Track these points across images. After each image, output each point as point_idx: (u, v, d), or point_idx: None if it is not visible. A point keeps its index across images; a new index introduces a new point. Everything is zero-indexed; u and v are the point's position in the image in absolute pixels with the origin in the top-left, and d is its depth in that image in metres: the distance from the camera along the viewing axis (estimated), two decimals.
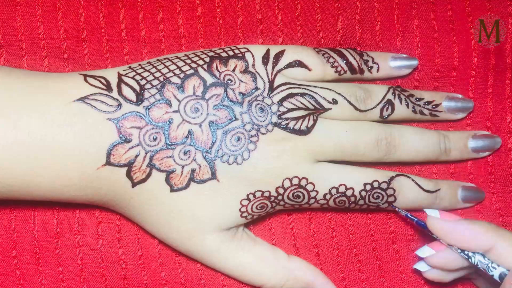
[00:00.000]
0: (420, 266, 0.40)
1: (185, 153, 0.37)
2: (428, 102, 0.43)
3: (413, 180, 0.41)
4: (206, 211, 0.38)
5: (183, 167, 0.37)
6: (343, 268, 0.43)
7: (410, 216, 0.41)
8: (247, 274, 0.40)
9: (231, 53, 0.39)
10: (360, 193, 0.40)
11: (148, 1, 0.42)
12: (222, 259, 0.40)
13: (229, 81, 0.38)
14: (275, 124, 0.38)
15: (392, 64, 0.43)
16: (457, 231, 0.37)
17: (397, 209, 0.41)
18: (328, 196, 0.40)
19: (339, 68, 0.41)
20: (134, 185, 0.37)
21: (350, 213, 0.44)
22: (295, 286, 0.41)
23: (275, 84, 0.39)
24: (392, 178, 0.41)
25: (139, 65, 0.39)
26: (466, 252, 0.37)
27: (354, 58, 0.42)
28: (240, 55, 0.39)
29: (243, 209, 0.38)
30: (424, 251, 0.39)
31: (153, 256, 0.42)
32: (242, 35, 0.43)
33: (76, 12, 0.41)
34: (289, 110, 0.38)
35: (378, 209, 0.42)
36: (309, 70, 0.40)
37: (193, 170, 0.37)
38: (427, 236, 0.42)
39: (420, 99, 0.43)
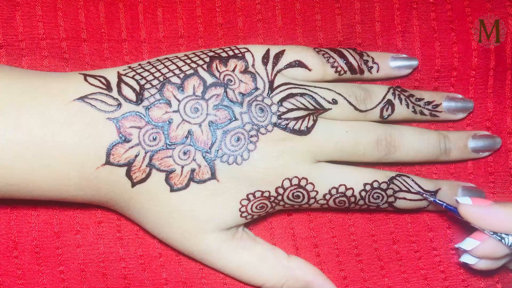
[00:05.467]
0: (467, 259, 0.40)
1: (184, 153, 0.37)
2: (428, 102, 0.43)
3: (413, 180, 0.41)
4: (206, 211, 0.38)
5: (182, 167, 0.37)
6: (344, 267, 0.43)
7: (439, 202, 0.41)
8: (247, 273, 0.40)
9: (231, 53, 0.39)
10: (360, 193, 0.40)
11: (148, 1, 0.42)
12: (222, 259, 0.40)
13: (229, 81, 0.38)
14: (275, 124, 0.38)
15: (392, 64, 0.43)
16: (491, 216, 0.37)
17: (430, 198, 0.41)
18: (328, 196, 0.40)
19: (339, 68, 0.41)
20: (133, 184, 0.37)
21: (350, 213, 0.44)
22: (295, 285, 0.41)
23: (275, 84, 0.39)
24: (392, 178, 0.41)
25: (139, 65, 0.39)
26: (499, 234, 0.38)
27: (354, 58, 0.42)
28: (240, 55, 0.39)
29: (243, 209, 0.38)
30: (468, 243, 0.39)
31: (154, 255, 0.42)
32: (242, 35, 0.43)
33: (76, 12, 0.41)
34: (289, 110, 0.38)
35: (378, 209, 0.42)
36: (309, 70, 0.41)
37: (192, 170, 0.37)
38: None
39: (420, 99, 0.43)
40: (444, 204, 0.40)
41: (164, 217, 0.38)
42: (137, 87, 0.37)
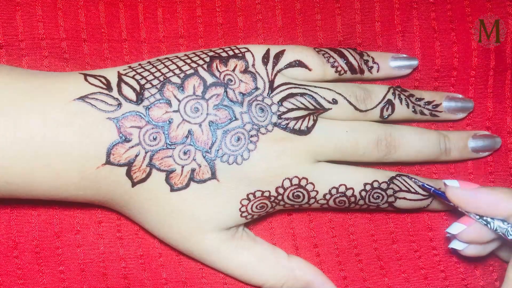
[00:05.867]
0: (456, 244, 0.40)
1: (185, 153, 0.37)
2: (428, 102, 0.43)
3: (413, 180, 0.41)
4: (206, 210, 0.38)
5: (183, 166, 0.37)
6: (344, 267, 0.43)
7: (427, 186, 0.41)
8: (247, 273, 0.40)
9: (231, 53, 0.39)
10: (360, 193, 0.40)
11: (148, 1, 0.42)
12: (222, 259, 0.40)
13: (229, 81, 0.38)
14: (275, 124, 0.38)
15: (392, 64, 0.43)
16: (478, 199, 0.38)
17: (419, 182, 0.41)
18: (328, 196, 0.40)
19: (339, 68, 0.41)
20: (134, 184, 0.37)
21: (350, 213, 0.44)
22: (295, 285, 0.41)
23: (275, 84, 0.39)
24: (392, 178, 0.41)
25: (139, 64, 0.39)
26: (484, 218, 0.38)
27: (354, 58, 0.42)
28: (240, 55, 0.39)
29: (243, 208, 0.38)
30: (455, 227, 0.39)
31: (154, 255, 0.42)
32: (242, 35, 0.43)
33: (76, 12, 0.41)
34: (289, 110, 0.38)
35: (378, 209, 0.42)
36: (309, 70, 0.41)
37: (193, 170, 0.37)
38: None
39: (420, 99, 0.43)
40: (432, 188, 0.41)
41: (164, 217, 0.38)
42: (137, 87, 0.37)
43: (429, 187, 0.41)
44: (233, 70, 0.39)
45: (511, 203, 0.37)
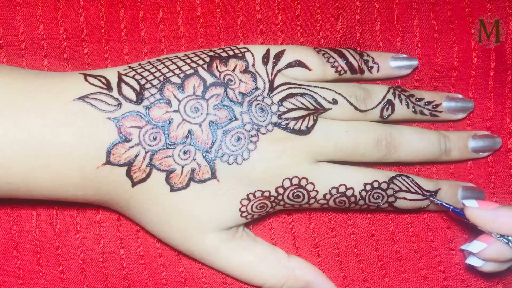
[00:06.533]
0: (473, 261, 0.40)
1: (185, 153, 0.37)
2: (429, 102, 0.43)
3: (413, 180, 0.41)
4: (206, 210, 0.38)
5: (183, 166, 0.37)
6: (344, 267, 0.43)
7: (446, 205, 0.41)
8: (247, 273, 0.40)
9: (231, 53, 0.39)
10: (360, 193, 0.40)
11: (148, 1, 0.42)
12: (222, 259, 0.40)
13: (229, 81, 0.38)
14: (275, 124, 0.38)
15: (392, 64, 0.43)
16: (498, 219, 0.38)
17: (437, 201, 0.41)
18: (328, 196, 0.40)
19: (339, 68, 0.41)
20: (134, 184, 0.37)
21: (350, 213, 0.44)
22: (295, 285, 0.41)
23: (275, 84, 0.39)
24: (392, 178, 0.41)
25: (139, 64, 0.39)
26: (506, 237, 0.38)
27: (354, 58, 0.42)
28: (240, 55, 0.39)
29: (243, 208, 0.38)
30: (475, 246, 0.39)
31: (154, 255, 0.42)
32: (242, 35, 0.43)
33: (76, 12, 0.41)
34: (289, 110, 0.38)
35: (378, 209, 0.42)
36: (309, 70, 0.41)
37: (193, 170, 0.37)
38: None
39: (420, 99, 0.43)
40: (451, 207, 0.40)
41: (164, 217, 0.38)
42: (137, 87, 0.37)
43: (448, 206, 0.41)
44: (233, 70, 0.39)
45: None
